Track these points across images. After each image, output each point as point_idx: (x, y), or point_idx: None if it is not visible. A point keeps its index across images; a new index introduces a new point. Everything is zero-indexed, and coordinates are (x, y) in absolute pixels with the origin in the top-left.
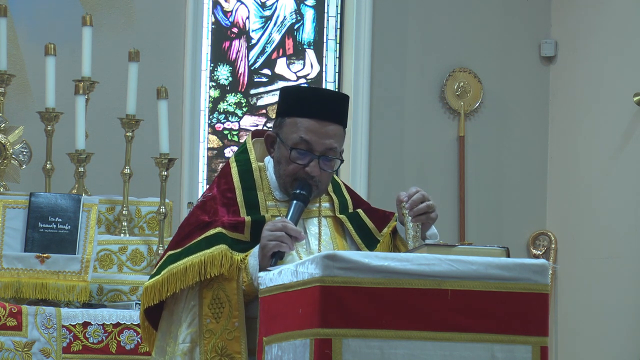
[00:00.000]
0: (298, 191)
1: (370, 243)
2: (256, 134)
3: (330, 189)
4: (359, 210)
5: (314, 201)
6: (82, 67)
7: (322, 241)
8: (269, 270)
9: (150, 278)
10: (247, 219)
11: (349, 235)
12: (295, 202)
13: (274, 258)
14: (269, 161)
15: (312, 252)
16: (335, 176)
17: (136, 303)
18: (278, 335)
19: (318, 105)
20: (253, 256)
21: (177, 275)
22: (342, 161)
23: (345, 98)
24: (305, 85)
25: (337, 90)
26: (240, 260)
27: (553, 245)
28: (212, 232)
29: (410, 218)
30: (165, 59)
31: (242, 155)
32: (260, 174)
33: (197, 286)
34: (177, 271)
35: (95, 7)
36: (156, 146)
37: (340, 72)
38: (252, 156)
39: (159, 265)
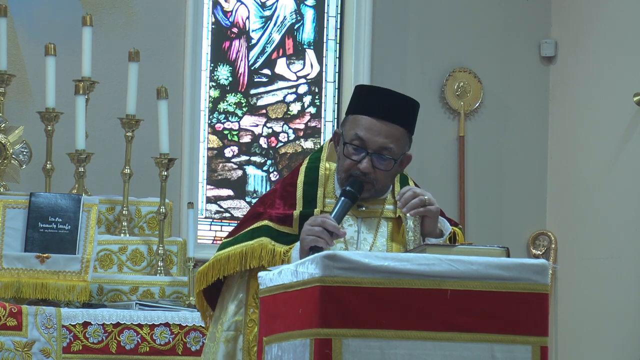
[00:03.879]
0: (347, 188)
1: None
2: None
3: (397, 190)
4: None
5: (378, 202)
6: (82, 67)
7: (376, 242)
8: (269, 271)
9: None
10: (296, 212)
11: None
12: (342, 199)
13: (311, 252)
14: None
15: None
16: (410, 180)
17: (136, 303)
18: (278, 335)
19: (381, 104)
20: (296, 249)
21: (221, 262)
22: (395, 161)
23: (413, 103)
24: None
25: (336, 89)
26: (284, 252)
27: (553, 245)
28: (258, 224)
29: (407, 218)
30: (165, 59)
31: (316, 153)
32: (327, 172)
33: (245, 275)
34: (221, 258)
35: (95, 7)
36: (156, 146)
37: (340, 72)
38: (324, 154)
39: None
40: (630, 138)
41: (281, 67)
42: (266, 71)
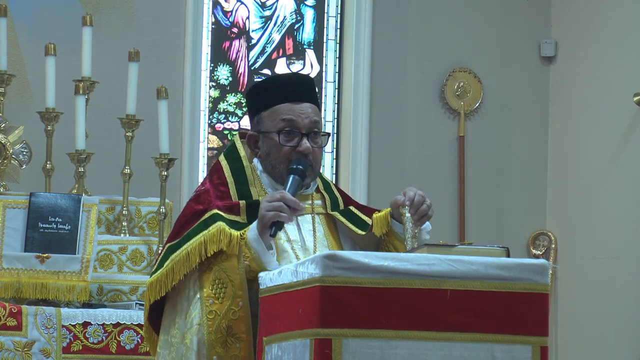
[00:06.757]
0: (295, 166)
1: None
2: (243, 134)
3: (320, 186)
4: (351, 207)
5: (305, 198)
6: (82, 67)
7: (317, 238)
8: (269, 271)
9: (152, 274)
10: (242, 202)
11: (342, 232)
12: (292, 176)
13: (273, 228)
14: (257, 161)
15: (307, 248)
16: (323, 175)
17: (136, 303)
18: (278, 335)
19: (288, 89)
20: (252, 230)
21: (180, 262)
22: (329, 135)
23: (311, 79)
24: (264, 78)
25: (336, 89)
26: (240, 236)
27: (553, 245)
28: (208, 214)
29: (409, 218)
30: (165, 59)
31: (232, 154)
32: (252, 172)
33: (196, 272)
34: (180, 258)
35: (95, 7)
36: (156, 146)
37: (340, 72)
38: (242, 154)
39: (159, 259)
40: (630, 138)
41: (281, 67)
42: (266, 71)
